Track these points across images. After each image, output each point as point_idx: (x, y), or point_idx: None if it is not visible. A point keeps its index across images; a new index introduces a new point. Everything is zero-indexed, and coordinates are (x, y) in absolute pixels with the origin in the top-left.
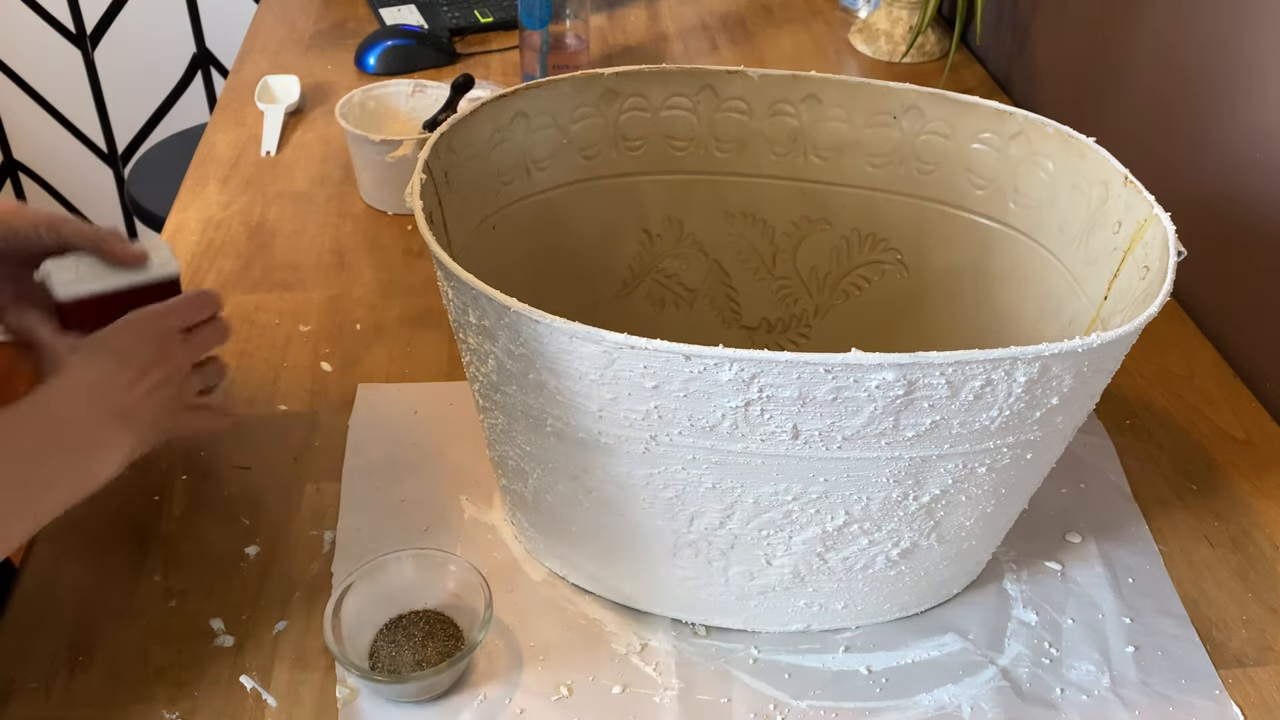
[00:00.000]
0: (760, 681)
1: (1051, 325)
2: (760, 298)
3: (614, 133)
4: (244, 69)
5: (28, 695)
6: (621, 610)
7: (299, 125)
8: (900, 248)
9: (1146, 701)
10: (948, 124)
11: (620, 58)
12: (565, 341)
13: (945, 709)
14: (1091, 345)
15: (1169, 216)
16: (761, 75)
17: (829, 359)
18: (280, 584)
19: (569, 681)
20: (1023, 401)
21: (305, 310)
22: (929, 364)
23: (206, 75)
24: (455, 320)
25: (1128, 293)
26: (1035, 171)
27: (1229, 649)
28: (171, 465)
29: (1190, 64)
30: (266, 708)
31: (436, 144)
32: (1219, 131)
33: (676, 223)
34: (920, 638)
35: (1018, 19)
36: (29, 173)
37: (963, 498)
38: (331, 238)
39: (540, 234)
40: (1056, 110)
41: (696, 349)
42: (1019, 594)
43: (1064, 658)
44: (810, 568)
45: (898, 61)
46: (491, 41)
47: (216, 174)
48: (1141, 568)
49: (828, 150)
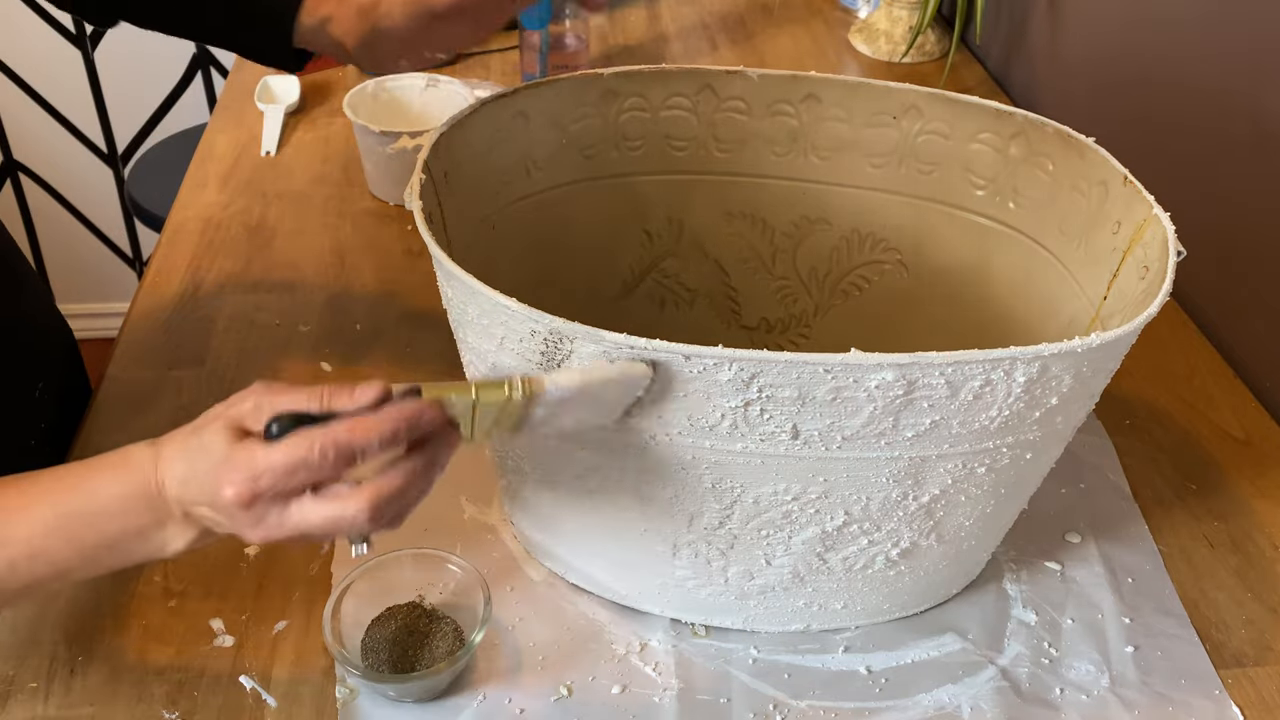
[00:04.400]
0: (760, 681)
1: (1051, 325)
2: (760, 298)
3: (614, 133)
4: (244, 69)
5: (28, 695)
6: (621, 610)
7: (299, 125)
8: (900, 248)
9: (1146, 701)
10: (947, 124)
11: (620, 58)
12: (565, 342)
13: (945, 709)
14: (1091, 345)
15: (1169, 216)
16: (761, 75)
17: (829, 359)
18: (280, 584)
19: (569, 681)
20: (1022, 402)
21: (305, 310)
22: (929, 364)
23: (206, 75)
24: (455, 320)
25: (1127, 293)
26: (1035, 171)
27: (1229, 649)
28: None
29: (1190, 63)
30: (266, 708)
31: (436, 144)
32: (1219, 131)
33: (676, 223)
34: (920, 638)
35: (1017, 19)
36: (29, 173)
37: (962, 498)
38: (331, 238)
39: (540, 234)
40: (1056, 110)
41: (696, 349)
42: (1018, 594)
43: (1063, 658)
44: (810, 568)
45: (897, 61)
46: (491, 41)
47: (216, 174)
48: (1141, 568)
49: (827, 150)
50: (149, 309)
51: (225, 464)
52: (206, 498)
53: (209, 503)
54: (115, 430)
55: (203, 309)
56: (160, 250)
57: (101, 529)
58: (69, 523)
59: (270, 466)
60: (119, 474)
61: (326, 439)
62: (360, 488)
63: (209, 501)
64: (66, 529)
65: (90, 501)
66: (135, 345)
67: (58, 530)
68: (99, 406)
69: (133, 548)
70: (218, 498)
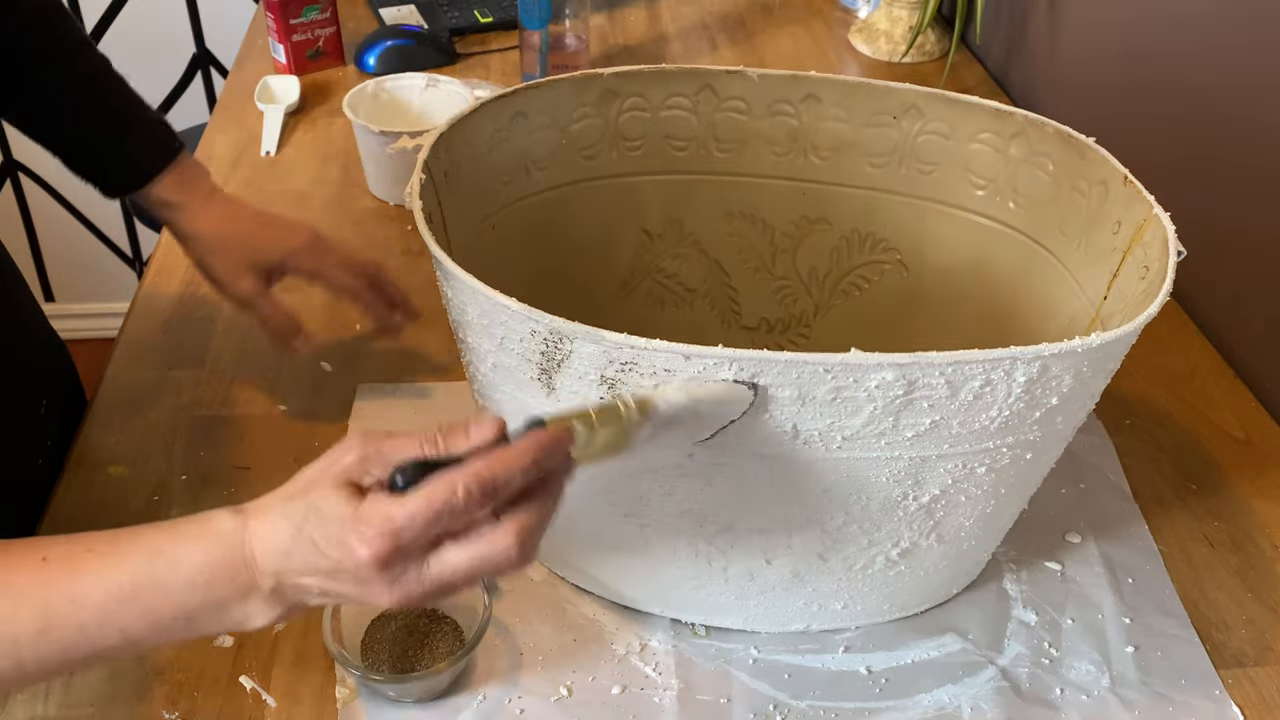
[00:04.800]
0: (760, 681)
1: (1051, 325)
2: (760, 298)
3: (613, 133)
4: (244, 69)
5: (28, 695)
6: (621, 610)
7: (299, 125)
8: (900, 248)
9: (1146, 701)
10: (947, 124)
11: (620, 58)
12: (565, 342)
13: (945, 709)
14: (1091, 345)
15: (1169, 216)
16: (761, 75)
17: (829, 359)
18: None
19: (569, 681)
20: (1022, 401)
21: (305, 310)
22: (929, 364)
23: (206, 75)
24: (455, 320)
25: (1128, 293)
26: (1035, 171)
27: (1229, 649)
28: (171, 465)
29: (1191, 63)
30: (266, 708)
31: (436, 144)
32: (1219, 131)
33: (676, 223)
34: (920, 638)
35: (1017, 19)
36: (29, 173)
37: (962, 498)
38: (331, 238)
39: (540, 233)
40: (1056, 110)
41: (696, 349)
42: (1019, 594)
43: (1064, 658)
44: (810, 568)
45: (897, 61)
46: (491, 41)
47: (216, 174)
48: (1141, 568)
49: (827, 150)
50: (149, 309)
51: (354, 523)
52: (326, 564)
53: (330, 569)
54: (115, 430)
55: (203, 309)
56: (160, 250)
57: (180, 600)
58: (146, 592)
59: (411, 517)
60: (202, 543)
61: (470, 479)
62: (503, 523)
63: (331, 568)
64: (143, 598)
65: (171, 571)
66: (135, 345)
67: (134, 599)
68: (98, 406)
69: (210, 621)
70: (347, 561)
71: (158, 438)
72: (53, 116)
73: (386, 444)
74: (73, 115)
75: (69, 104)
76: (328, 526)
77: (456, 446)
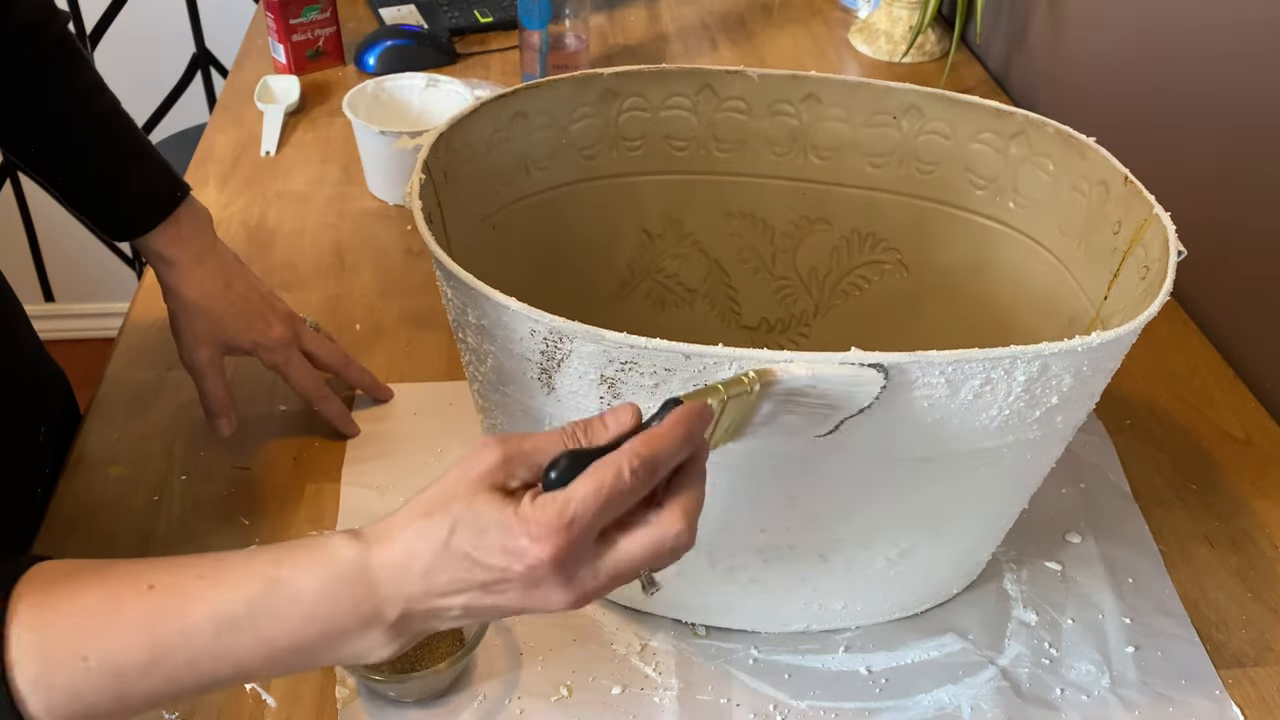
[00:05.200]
0: (760, 681)
1: (1051, 325)
2: (760, 298)
3: (613, 133)
4: (244, 69)
5: None
6: (621, 610)
7: (299, 125)
8: (900, 248)
9: (1146, 701)
10: (948, 124)
11: (620, 58)
12: (565, 342)
13: (945, 709)
14: (1091, 345)
15: (1169, 216)
16: (761, 75)
17: (829, 358)
18: None
19: (569, 681)
20: (1022, 401)
21: (305, 310)
22: (929, 363)
23: (206, 75)
24: (455, 320)
25: (1128, 293)
26: (1035, 171)
27: (1229, 649)
28: (171, 465)
29: (1191, 62)
30: (266, 708)
31: (436, 144)
32: (1220, 131)
33: (676, 223)
34: (920, 638)
35: (1017, 19)
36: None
37: (962, 497)
38: (331, 238)
39: (540, 234)
40: (1056, 110)
41: (696, 348)
42: (1019, 594)
43: (1064, 658)
44: (810, 568)
45: (898, 61)
46: (491, 41)
47: (216, 174)
48: (1141, 568)
49: (827, 150)
50: (149, 309)
51: (521, 524)
52: (486, 576)
53: (491, 580)
54: (115, 430)
55: None
56: None
57: (298, 631)
58: (262, 622)
59: (581, 504)
60: (320, 569)
61: (631, 458)
62: (668, 507)
63: (492, 579)
64: (258, 628)
65: (291, 602)
66: (135, 345)
67: (249, 629)
68: (98, 406)
69: (325, 655)
70: (516, 565)
71: (158, 438)
72: (56, 158)
73: (527, 443)
74: (77, 158)
75: (74, 146)
76: (485, 535)
77: (599, 437)
